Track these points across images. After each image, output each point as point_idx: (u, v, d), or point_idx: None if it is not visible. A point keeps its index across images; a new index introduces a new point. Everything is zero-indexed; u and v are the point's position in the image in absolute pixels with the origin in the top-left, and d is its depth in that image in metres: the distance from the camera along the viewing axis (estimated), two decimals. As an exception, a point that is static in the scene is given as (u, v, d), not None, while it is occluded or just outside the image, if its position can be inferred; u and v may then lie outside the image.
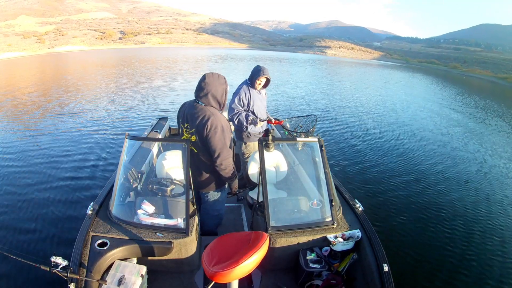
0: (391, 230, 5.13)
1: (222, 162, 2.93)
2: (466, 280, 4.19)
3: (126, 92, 16.32)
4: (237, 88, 4.25)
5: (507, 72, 66.25)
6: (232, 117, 4.19)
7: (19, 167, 6.83)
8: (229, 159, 2.98)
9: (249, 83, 4.24)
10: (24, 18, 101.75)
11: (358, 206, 3.32)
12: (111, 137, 8.97)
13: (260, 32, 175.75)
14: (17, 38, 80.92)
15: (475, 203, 6.30)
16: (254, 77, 4.15)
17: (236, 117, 4.18)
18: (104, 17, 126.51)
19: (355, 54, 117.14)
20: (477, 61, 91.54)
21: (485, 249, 4.86)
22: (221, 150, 2.88)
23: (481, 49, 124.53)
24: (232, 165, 3.04)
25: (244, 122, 4.18)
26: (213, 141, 2.85)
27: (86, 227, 2.78)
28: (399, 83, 32.28)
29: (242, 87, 4.22)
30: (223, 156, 2.90)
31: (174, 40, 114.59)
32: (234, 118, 4.19)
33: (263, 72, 4.11)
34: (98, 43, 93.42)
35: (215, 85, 2.88)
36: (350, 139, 9.96)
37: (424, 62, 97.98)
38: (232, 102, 4.21)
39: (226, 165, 2.97)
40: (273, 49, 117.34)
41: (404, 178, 7.20)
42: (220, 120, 2.87)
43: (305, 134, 4.03)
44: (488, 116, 16.79)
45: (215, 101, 2.93)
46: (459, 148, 10.07)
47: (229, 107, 4.21)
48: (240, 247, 2.21)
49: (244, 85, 4.23)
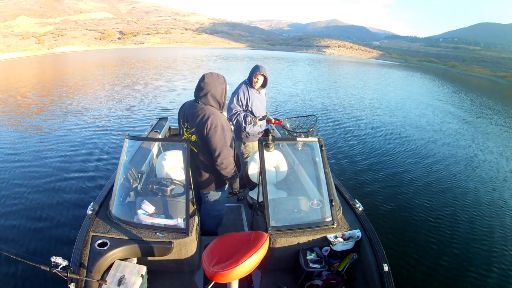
0: (391, 230, 5.11)
1: (222, 161, 2.92)
2: (466, 280, 4.19)
3: (126, 92, 16.30)
4: (236, 88, 4.24)
5: (506, 70, 66.43)
6: (230, 117, 4.17)
7: (19, 167, 6.82)
8: (230, 158, 2.98)
9: (248, 82, 4.22)
10: (23, 19, 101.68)
11: (358, 206, 3.31)
12: (111, 137, 8.97)
13: (259, 31, 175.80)
14: (17, 39, 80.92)
15: (476, 203, 6.28)
16: (251, 75, 4.14)
17: (234, 117, 4.17)
18: (103, 18, 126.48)
19: (354, 53, 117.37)
20: (476, 59, 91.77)
21: (486, 249, 4.85)
22: (221, 149, 2.88)
23: (480, 48, 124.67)
24: (233, 164, 3.04)
25: (242, 123, 4.17)
26: (214, 140, 2.85)
27: (86, 227, 2.77)
28: (397, 81, 32.36)
29: (241, 86, 4.20)
30: (224, 155, 2.90)
31: (173, 40, 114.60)
32: (232, 118, 4.18)
33: (259, 69, 4.09)
34: (97, 44, 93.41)
35: (214, 84, 2.89)
36: (350, 138, 9.95)
37: (423, 61, 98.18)
38: (230, 102, 4.19)
39: (227, 164, 2.96)
40: (272, 48, 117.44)
41: (404, 178, 7.18)
42: (220, 119, 2.87)
43: (305, 134, 4.03)
44: (488, 114, 16.82)
45: (215, 100, 2.93)
46: (459, 146, 10.07)
47: (228, 107, 4.18)
48: (240, 247, 2.21)
49: (243, 85, 4.21)
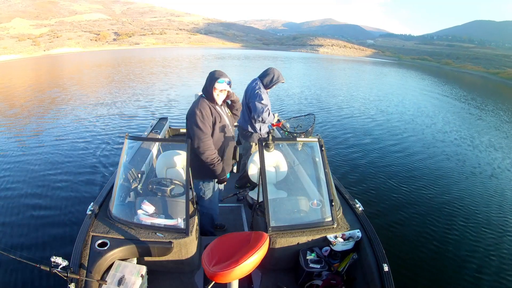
0: (391, 230, 5.14)
1: (199, 145, 3.00)
2: (467, 280, 4.21)
3: (126, 92, 16.32)
4: (257, 87, 4.26)
5: (499, 67, 66.89)
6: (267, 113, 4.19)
7: (19, 168, 6.84)
8: (206, 142, 3.03)
9: (264, 85, 4.30)
10: (18, 21, 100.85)
11: (358, 206, 3.32)
12: (111, 137, 8.99)
13: (254, 31, 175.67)
14: (12, 41, 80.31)
15: (477, 203, 6.30)
16: (272, 83, 4.28)
17: (269, 113, 4.22)
18: (98, 19, 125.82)
19: (348, 51, 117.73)
20: (470, 57, 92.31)
21: (486, 249, 4.87)
22: (195, 134, 2.99)
23: (474, 45, 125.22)
24: (210, 150, 3.07)
25: (272, 120, 4.28)
26: (188, 126, 3.04)
27: (86, 227, 2.78)
28: (390, 79, 32.83)
29: (260, 87, 4.26)
30: (197, 139, 3.00)
31: (168, 40, 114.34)
32: (269, 113, 4.21)
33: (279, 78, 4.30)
34: (93, 45, 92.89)
35: (207, 78, 3.08)
36: (350, 138, 10.01)
37: (417, 58, 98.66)
38: (262, 99, 4.19)
39: (204, 149, 3.03)
40: (266, 48, 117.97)
41: (404, 177, 7.21)
42: (197, 106, 3.02)
43: (305, 134, 4.04)
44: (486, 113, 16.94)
45: (205, 90, 3.10)
46: (459, 145, 10.14)
47: (263, 104, 4.19)
48: (240, 247, 2.21)
49: (262, 87, 4.28)
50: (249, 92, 4.35)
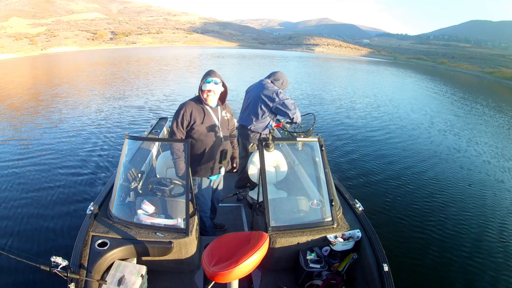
0: (391, 230, 5.13)
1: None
2: (467, 280, 4.21)
3: (125, 92, 16.23)
4: (276, 88, 4.19)
5: (494, 67, 67.31)
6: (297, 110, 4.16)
7: (19, 167, 6.79)
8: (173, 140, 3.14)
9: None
10: (15, 20, 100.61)
11: (358, 206, 3.32)
12: (111, 137, 8.95)
13: (250, 30, 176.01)
14: (9, 40, 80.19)
15: (478, 203, 6.30)
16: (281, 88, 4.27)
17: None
18: (95, 18, 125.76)
19: (343, 51, 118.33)
20: (465, 56, 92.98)
21: (486, 248, 4.87)
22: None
23: (470, 45, 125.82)
24: (174, 147, 3.12)
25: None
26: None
27: (86, 227, 2.77)
28: (385, 78, 33.02)
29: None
30: (169, 137, 3.19)
31: (164, 40, 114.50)
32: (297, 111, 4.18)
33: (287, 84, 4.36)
34: (90, 44, 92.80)
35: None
36: (349, 138, 10.00)
37: (412, 58, 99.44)
38: (288, 97, 4.15)
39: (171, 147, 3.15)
40: (262, 47, 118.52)
41: (404, 177, 7.20)
42: (179, 105, 3.20)
43: (305, 134, 4.03)
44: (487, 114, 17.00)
45: (198, 90, 3.16)
46: (458, 146, 10.08)
47: (292, 102, 4.15)
48: (240, 247, 2.21)
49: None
50: (263, 91, 4.17)
